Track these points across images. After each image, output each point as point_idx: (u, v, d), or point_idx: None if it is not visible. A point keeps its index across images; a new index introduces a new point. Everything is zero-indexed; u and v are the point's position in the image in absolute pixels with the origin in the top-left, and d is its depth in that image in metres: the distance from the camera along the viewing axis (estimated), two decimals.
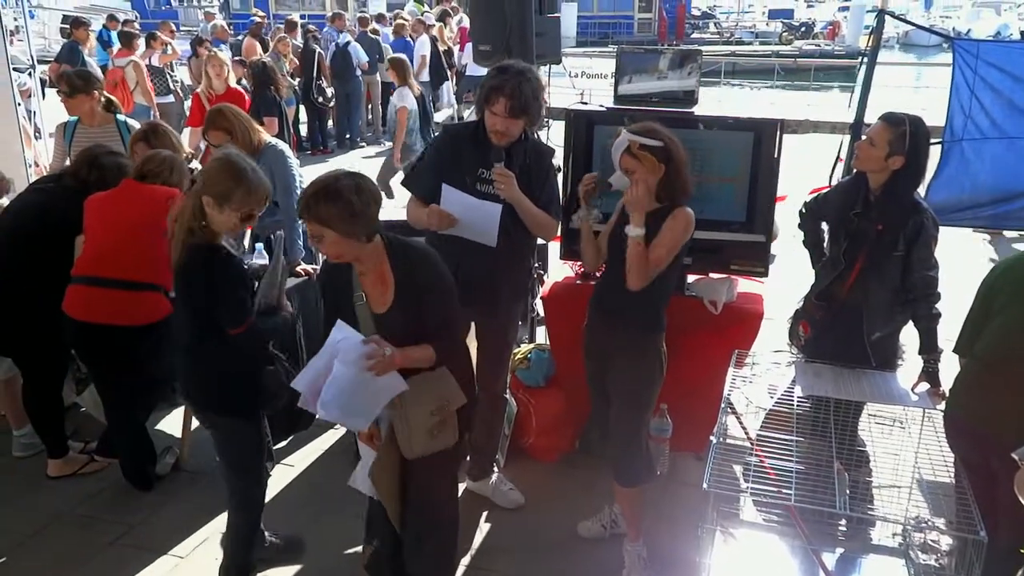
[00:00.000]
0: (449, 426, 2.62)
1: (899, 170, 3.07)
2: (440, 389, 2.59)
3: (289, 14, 16.99)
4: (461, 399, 2.63)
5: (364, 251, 2.49)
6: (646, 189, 2.86)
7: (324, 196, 2.38)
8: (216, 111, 4.12)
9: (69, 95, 4.53)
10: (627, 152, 2.91)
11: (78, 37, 9.53)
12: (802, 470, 2.59)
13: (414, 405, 2.55)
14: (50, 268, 3.61)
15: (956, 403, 2.82)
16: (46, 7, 21.42)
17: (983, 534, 2.29)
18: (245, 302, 2.78)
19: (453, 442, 2.65)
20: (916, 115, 3.12)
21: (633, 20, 32.61)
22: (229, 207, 2.68)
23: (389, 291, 2.55)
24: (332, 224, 2.38)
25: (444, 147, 3.38)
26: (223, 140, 3.94)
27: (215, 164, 2.80)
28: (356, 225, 2.40)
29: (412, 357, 2.52)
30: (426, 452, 2.61)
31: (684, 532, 3.24)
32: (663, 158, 2.89)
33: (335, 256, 2.49)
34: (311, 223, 2.42)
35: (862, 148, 3.16)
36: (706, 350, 3.36)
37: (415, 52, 12.26)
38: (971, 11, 36.73)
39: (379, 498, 2.76)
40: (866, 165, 3.15)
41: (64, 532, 3.57)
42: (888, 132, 3.05)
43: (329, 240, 2.42)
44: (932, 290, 3.12)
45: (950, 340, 2.93)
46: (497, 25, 3.90)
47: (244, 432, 2.95)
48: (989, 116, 4.68)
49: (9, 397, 4.02)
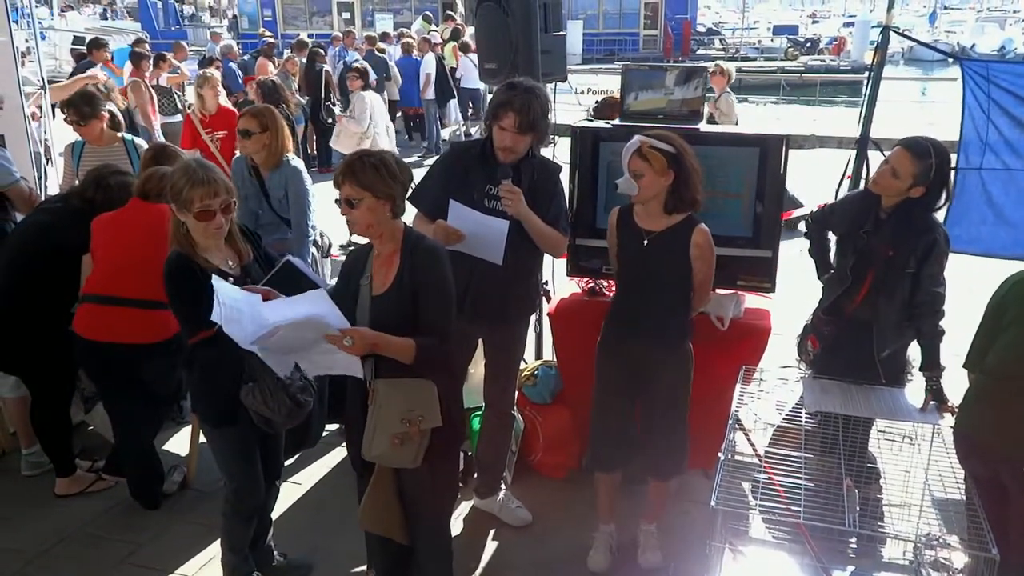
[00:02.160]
0: (413, 444, 2.54)
1: (917, 198, 3.06)
2: (417, 398, 2.54)
3: (297, 33, 17.17)
4: (435, 419, 2.55)
5: (389, 227, 2.57)
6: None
7: (368, 159, 2.51)
8: (267, 107, 4.20)
9: (81, 123, 4.56)
10: (637, 153, 2.92)
11: (96, 58, 9.56)
12: (811, 487, 2.58)
13: (386, 406, 2.54)
14: (57, 287, 3.64)
15: (966, 419, 2.80)
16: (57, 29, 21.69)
17: (995, 551, 2.27)
18: (191, 315, 2.75)
19: (411, 463, 2.56)
20: (940, 144, 3.08)
21: (638, 37, 32.76)
22: (182, 204, 2.72)
23: (391, 274, 2.58)
24: (372, 186, 2.47)
25: (451, 164, 3.39)
26: (254, 127, 3.96)
27: (173, 171, 2.89)
28: (394, 190, 2.51)
29: (389, 342, 2.50)
30: (383, 460, 2.59)
31: (693, 549, 3.22)
32: (673, 164, 2.92)
33: (365, 226, 2.54)
34: (350, 187, 2.49)
35: (884, 177, 3.10)
36: (713, 366, 3.35)
37: (420, 70, 12.35)
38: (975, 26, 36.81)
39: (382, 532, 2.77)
40: (885, 192, 3.13)
41: (72, 551, 3.57)
42: (914, 166, 3.01)
43: (365, 206, 2.49)
44: (939, 307, 3.11)
45: (959, 355, 2.91)
46: (503, 43, 3.93)
47: (217, 441, 3.00)
48: (1010, 145, 4.54)
49: (20, 415, 4.04)
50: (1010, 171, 4.60)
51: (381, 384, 2.56)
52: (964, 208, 4.66)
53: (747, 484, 2.82)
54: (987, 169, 4.61)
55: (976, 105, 4.57)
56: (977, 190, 4.65)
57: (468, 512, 3.82)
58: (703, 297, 3.23)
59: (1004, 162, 4.59)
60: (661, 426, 3.22)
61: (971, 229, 4.68)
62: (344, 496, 3.27)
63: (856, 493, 2.68)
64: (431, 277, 2.56)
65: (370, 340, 2.46)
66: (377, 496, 2.70)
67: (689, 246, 3.04)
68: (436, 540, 2.86)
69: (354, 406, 2.71)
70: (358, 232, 2.61)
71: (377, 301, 2.59)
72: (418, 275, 2.55)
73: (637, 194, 2.98)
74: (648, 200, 3.01)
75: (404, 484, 2.71)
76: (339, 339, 2.42)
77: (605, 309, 3.34)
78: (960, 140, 4.63)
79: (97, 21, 32.75)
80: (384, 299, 2.58)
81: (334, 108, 11.29)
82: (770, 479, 2.70)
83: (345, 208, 2.53)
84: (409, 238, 2.62)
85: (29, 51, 7.10)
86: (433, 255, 2.60)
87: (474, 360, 3.70)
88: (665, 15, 32.46)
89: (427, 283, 2.55)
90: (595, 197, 3.75)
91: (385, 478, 2.68)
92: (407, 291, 2.55)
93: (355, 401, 2.70)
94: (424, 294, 2.55)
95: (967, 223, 4.66)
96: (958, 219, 4.60)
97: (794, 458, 2.75)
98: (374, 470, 2.68)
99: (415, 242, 2.61)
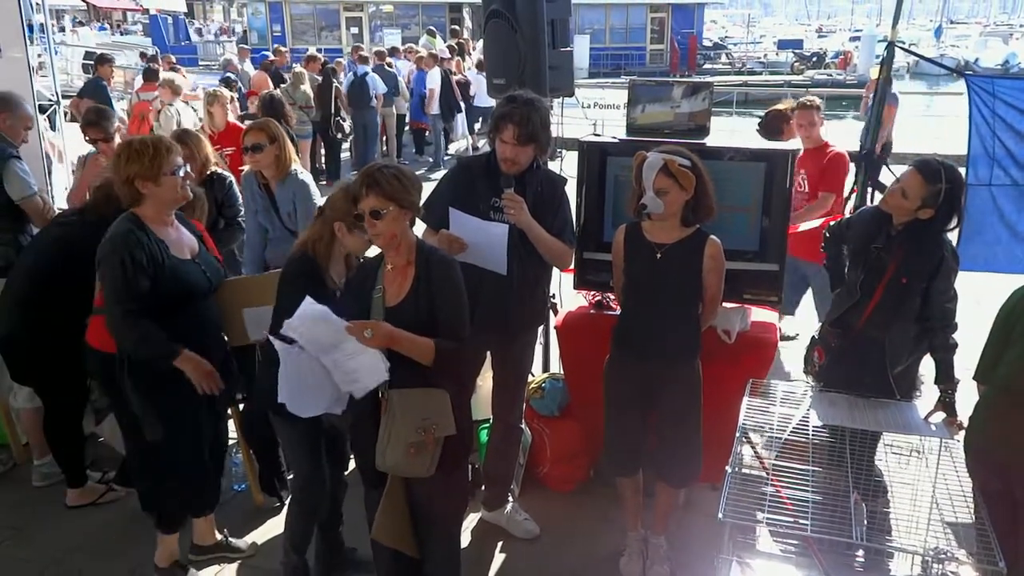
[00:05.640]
0: (427, 454, 2.56)
1: (927, 219, 3.09)
2: (432, 407, 2.56)
3: (307, 48, 17.31)
4: (449, 427, 2.57)
5: (407, 237, 2.62)
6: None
7: (386, 169, 2.57)
8: (267, 119, 4.27)
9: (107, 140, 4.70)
10: (663, 172, 2.95)
11: (102, 73, 9.71)
12: (819, 500, 2.58)
13: (401, 415, 2.56)
14: (71, 300, 3.67)
15: (977, 431, 2.80)
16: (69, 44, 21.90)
17: (1003, 565, 2.27)
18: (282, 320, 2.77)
19: (424, 472, 2.58)
20: (953, 169, 3.10)
21: (645, 51, 32.93)
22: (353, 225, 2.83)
23: (406, 285, 2.62)
24: (397, 196, 2.52)
25: (458, 177, 3.43)
26: (263, 140, 4.00)
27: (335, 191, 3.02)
28: (416, 199, 2.58)
29: (409, 338, 2.53)
30: (396, 470, 2.61)
31: (700, 562, 3.22)
32: (696, 176, 2.97)
33: (389, 237, 2.58)
34: (375, 198, 2.52)
35: (894, 196, 3.14)
36: (720, 379, 3.36)
37: (426, 84, 12.45)
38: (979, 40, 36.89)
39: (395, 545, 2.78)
40: (894, 212, 3.16)
41: (83, 562, 3.58)
42: (923, 189, 3.04)
43: (390, 216, 2.53)
44: (949, 321, 3.12)
45: (968, 369, 2.92)
46: (511, 59, 3.97)
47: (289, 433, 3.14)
48: (1017, 161, 4.55)
49: (34, 426, 4.08)
50: (1019, 187, 4.60)
51: (395, 394, 2.58)
52: (977, 227, 4.66)
53: (755, 497, 2.82)
54: (997, 185, 4.61)
55: (982, 121, 4.58)
56: (988, 207, 4.65)
57: (476, 524, 3.82)
58: (713, 311, 3.25)
59: (1012, 178, 4.59)
60: (675, 435, 3.24)
61: (986, 249, 4.67)
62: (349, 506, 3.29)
63: (864, 506, 2.69)
64: (447, 285, 2.61)
65: (388, 331, 2.50)
66: (391, 508, 2.71)
67: (702, 258, 3.07)
68: (447, 550, 2.88)
69: (363, 417, 2.72)
70: (381, 244, 2.63)
71: (392, 312, 2.62)
72: (435, 284, 2.59)
73: (662, 211, 3.01)
74: (671, 216, 3.05)
75: (415, 494, 2.73)
76: (359, 330, 2.47)
77: (612, 323, 3.36)
78: (968, 155, 4.63)
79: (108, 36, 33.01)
80: (400, 310, 2.61)
81: (344, 123, 11.38)
82: (778, 492, 2.70)
83: (370, 221, 2.55)
84: (422, 249, 2.66)
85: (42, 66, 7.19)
86: (448, 265, 2.66)
87: (482, 372, 3.72)
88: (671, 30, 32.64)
89: (444, 291, 2.60)
90: (602, 211, 3.77)
91: (398, 489, 2.69)
92: (424, 301, 2.58)
93: (364, 412, 2.71)
94: (442, 301, 2.59)
95: (980, 242, 4.66)
96: (971, 238, 4.60)
97: (802, 471, 2.75)
98: (387, 481, 2.70)
99: (429, 253, 2.66)
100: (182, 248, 3.13)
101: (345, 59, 14.71)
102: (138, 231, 2.98)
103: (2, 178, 4.17)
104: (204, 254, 3.26)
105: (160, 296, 2.99)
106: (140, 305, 2.94)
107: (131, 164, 2.96)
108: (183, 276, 3.08)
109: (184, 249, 3.14)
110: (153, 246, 2.98)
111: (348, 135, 11.66)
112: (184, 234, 3.20)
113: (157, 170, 2.97)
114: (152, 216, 3.04)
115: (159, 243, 3.01)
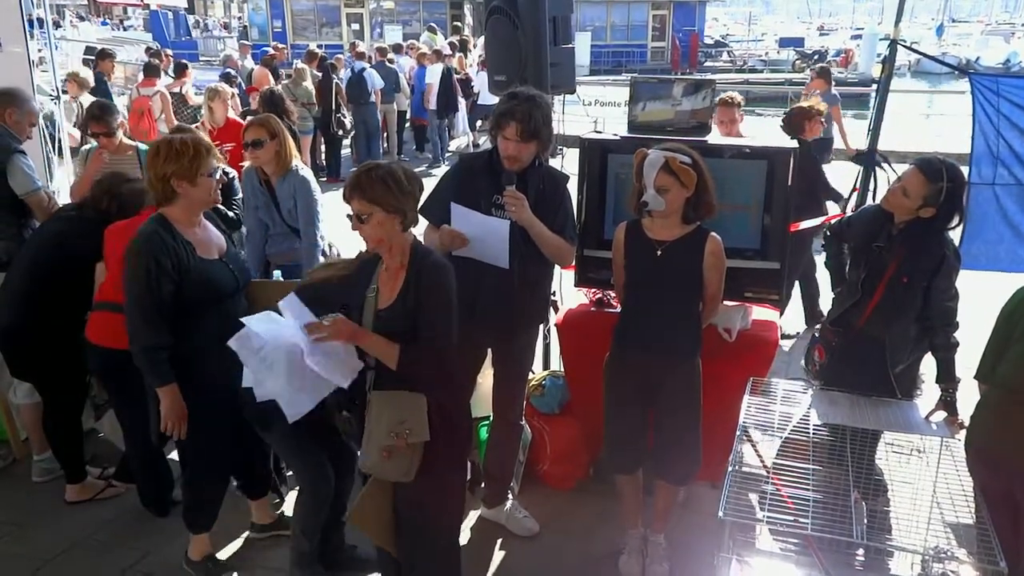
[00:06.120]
0: (404, 457, 2.53)
1: (929, 218, 3.08)
2: (405, 411, 2.52)
3: (307, 44, 17.29)
4: (423, 433, 2.52)
5: (399, 241, 2.57)
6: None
7: (376, 172, 2.49)
8: (268, 115, 4.25)
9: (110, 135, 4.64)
10: (664, 169, 2.94)
11: (103, 69, 9.70)
12: (819, 499, 2.58)
13: (376, 418, 2.56)
14: (71, 295, 3.67)
15: (978, 431, 2.80)
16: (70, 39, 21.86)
17: (1003, 564, 2.27)
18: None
19: (403, 477, 2.56)
20: (955, 168, 3.10)
21: (646, 49, 32.89)
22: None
23: (397, 288, 2.59)
24: (381, 201, 2.47)
25: (459, 174, 3.42)
26: (263, 136, 3.98)
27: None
28: (404, 203, 2.51)
29: (371, 336, 2.54)
30: (375, 472, 2.60)
31: (700, 561, 3.22)
32: (697, 174, 2.96)
33: (375, 241, 2.55)
34: (359, 202, 2.49)
35: (895, 195, 3.15)
36: (721, 378, 3.36)
37: (425, 81, 12.44)
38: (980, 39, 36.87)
39: (369, 535, 2.78)
40: (895, 210, 3.16)
41: (81, 557, 3.58)
42: (925, 187, 3.04)
43: (375, 220, 2.49)
44: (951, 320, 3.12)
45: (970, 368, 2.91)
46: (512, 56, 3.95)
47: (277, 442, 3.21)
48: (1021, 161, 4.53)
49: (34, 421, 4.07)
50: (1023, 186, 4.59)
51: (375, 395, 2.59)
52: (979, 226, 4.65)
53: (755, 496, 2.82)
54: (1000, 184, 4.60)
55: (986, 119, 4.56)
56: (991, 206, 4.64)
57: (475, 521, 3.82)
58: (714, 309, 3.25)
59: (1016, 177, 4.58)
60: (674, 432, 3.24)
61: (988, 248, 4.66)
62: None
63: (864, 505, 2.68)
64: (433, 290, 2.56)
65: (349, 328, 2.51)
66: (371, 497, 2.70)
67: (703, 255, 3.07)
68: (439, 557, 2.81)
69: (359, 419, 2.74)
70: (371, 247, 2.62)
71: (381, 314, 2.60)
72: (422, 289, 2.55)
73: (663, 208, 3.01)
74: (672, 213, 3.04)
75: (399, 498, 2.72)
76: (318, 324, 2.48)
77: (613, 320, 3.36)
78: (971, 154, 4.62)
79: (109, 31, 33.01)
80: (388, 312, 2.59)
81: (344, 119, 11.37)
82: (778, 491, 2.70)
83: (355, 223, 2.54)
84: (416, 253, 2.61)
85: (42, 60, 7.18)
86: (439, 270, 2.59)
87: (482, 370, 3.71)
88: (673, 27, 32.60)
89: (429, 295, 2.55)
90: (603, 209, 3.77)
91: (383, 484, 2.68)
92: (411, 305, 2.55)
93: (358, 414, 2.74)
94: (425, 306, 2.54)
95: (983, 242, 4.64)
96: (974, 237, 4.59)
97: (802, 470, 2.75)
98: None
99: (422, 257, 2.61)
100: (209, 248, 3.11)
101: (344, 55, 14.66)
102: (164, 232, 2.96)
103: (6, 173, 4.17)
104: (232, 253, 3.24)
105: (186, 298, 2.97)
106: (161, 313, 2.92)
107: (169, 162, 2.94)
108: (209, 277, 3.05)
109: (212, 249, 3.12)
110: (180, 248, 2.96)
111: (349, 131, 11.66)
112: (212, 233, 3.18)
113: (195, 171, 2.96)
114: (180, 217, 3.03)
115: (186, 245, 2.99)
